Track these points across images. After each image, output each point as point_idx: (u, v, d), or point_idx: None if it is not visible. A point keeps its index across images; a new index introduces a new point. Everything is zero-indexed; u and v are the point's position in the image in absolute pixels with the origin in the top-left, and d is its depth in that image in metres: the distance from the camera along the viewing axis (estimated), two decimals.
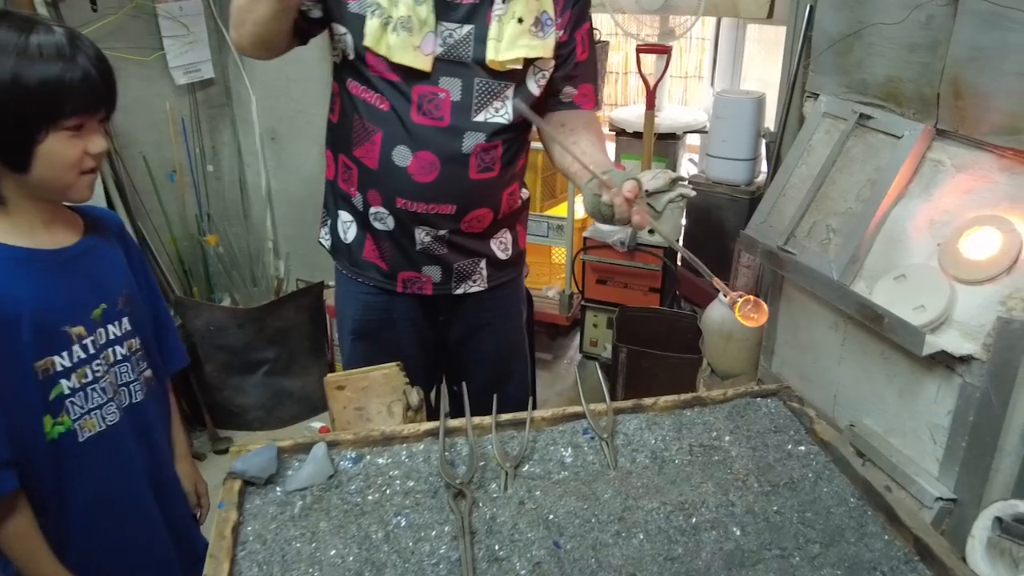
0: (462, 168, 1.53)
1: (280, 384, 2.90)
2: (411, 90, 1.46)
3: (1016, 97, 1.67)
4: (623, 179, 1.33)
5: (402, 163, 1.51)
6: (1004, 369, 1.64)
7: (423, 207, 1.54)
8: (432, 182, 1.52)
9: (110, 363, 1.24)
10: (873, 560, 1.03)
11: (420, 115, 1.48)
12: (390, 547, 1.05)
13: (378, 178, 1.54)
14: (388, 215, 1.57)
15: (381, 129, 1.50)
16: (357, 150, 1.55)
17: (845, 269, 1.96)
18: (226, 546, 1.03)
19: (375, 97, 1.49)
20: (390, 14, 1.40)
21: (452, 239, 1.60)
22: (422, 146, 1.49)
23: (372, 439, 1.25)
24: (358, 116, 1.52)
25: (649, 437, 1.28)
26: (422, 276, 1.65)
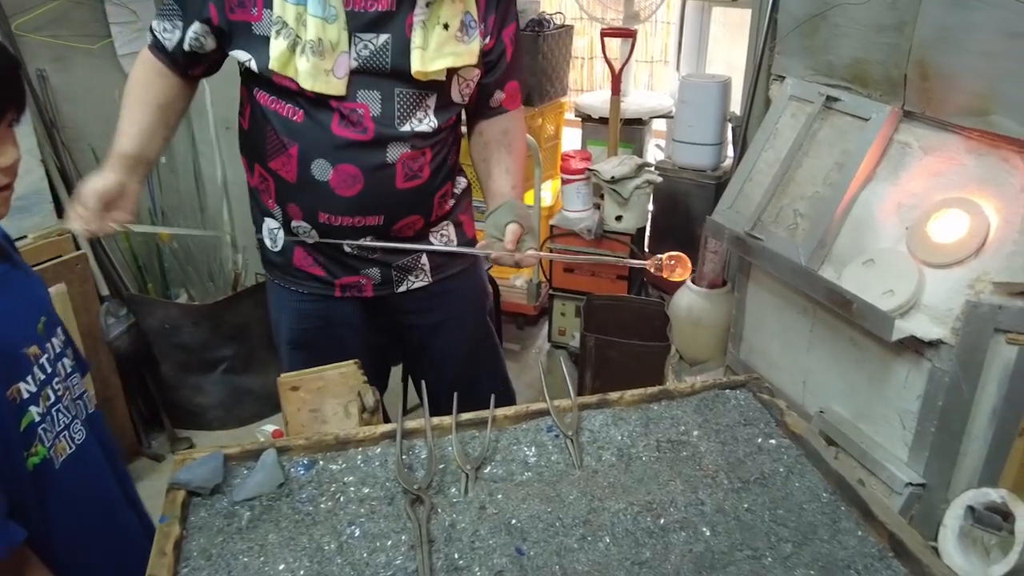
0: (388, 179, 1.46)
1: (239, 382, 2.81)
2: (329, 102, 1.37)
3: (982, 78, 1.65)
4: (508, 218, 1.41)
5: (322, 177, 1.43)
6: (972, 353, 1.62)
7: (348, 220, 1.47)
8: (356, 195, 1.45)
9: (64, 378, 1.16)
10: (847, 558, 0.99)
11: (341, 127, 1.40)
12: (343, 559, 0.99)
13: (297, 192, 1.46)
14: (311, 229, 1.50)
15: (297, 142, 1.41)
16: (272, 162, 1.46)
17: (813, 254, 1.94)
18: (167, 563, 0.97)
19: (288, 109, 1.39)
20: (298, 34, 1.31)
21: (385, 240, 1.53)
22: (343, 159, 1.41)
23: (325, 444, 1.19)
24: (271, 127, 1.42)
25: (615, 433, 1.23)
26: (361, 279, 1.58)
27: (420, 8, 1.36)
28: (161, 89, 1.45)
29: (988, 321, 1.59)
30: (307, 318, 1.63)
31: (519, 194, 1.55)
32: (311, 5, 1.30)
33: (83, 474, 1.17)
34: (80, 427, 1.17)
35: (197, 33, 1.37)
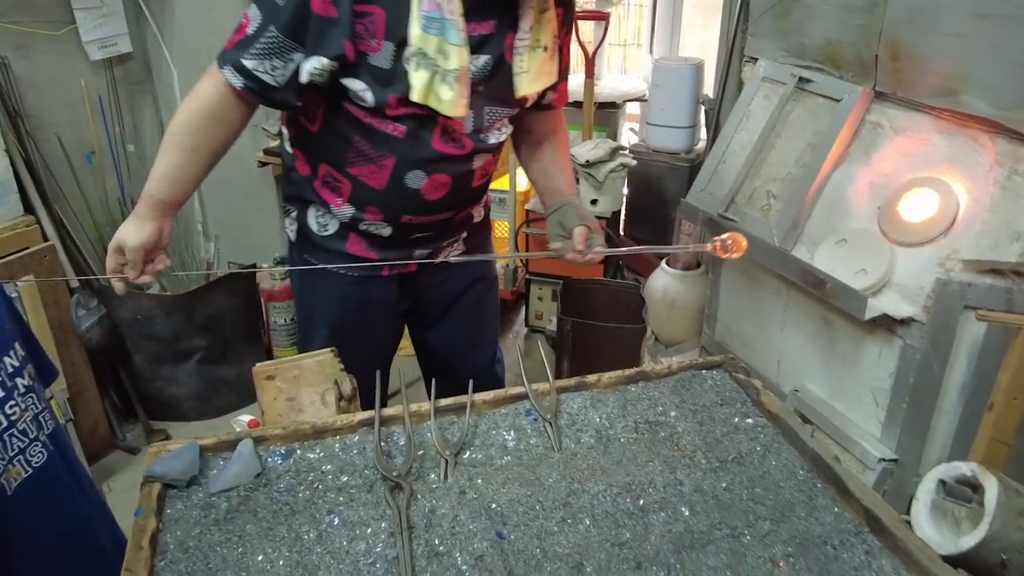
0: (468, 182, 1.53)
1: (215, 372, 2.78)
2: (436, 118, 1.37)
3: (952, 58, 1.66)
4: (574, 220, 1.48)
5: (415, 185, 1.46)
6: (942, 330, 1.65)
7: (426, 219, 1.54)
8: (440, 198, 1.50)
9: (20, 397, 1.13)
10: (824, 534, 1.01)
11: (441, 142, 1.42)
12: (323, 548, 0.99)
13: (383, 198, 1.48)
14: (386, 226, 1.53)
15: (394, 155, 1.42)
16: (354, 168, 1.46)
17: (786, 235, 1.95)
18: (144, 557, 0.95)
19: (389, 125, 1.38)
20: (438, 65, 1.30)
21: (442, 229, 1.61)
22: (438, 170, 1.46)
23: (303, 433, 1.18)
24: (361, 139, 1.41)
25: (594, 415, 1.24)
26: (409, 259, 1.61)
27: (523, 32, 1.37)
28: (221, 135, 1.39)
29: (958, 298, 1.61)
30: (350, 300, 1.62)
31: (574, 191, 1.62)
32: (450, 35, 1.29)
33: (43, 497, 1.13)
34: (40, 449, 1.14)
35: (323, 67, 1.31)
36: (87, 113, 2.71)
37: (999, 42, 1.55)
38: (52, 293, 2.37)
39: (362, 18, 1.26)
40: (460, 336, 1.79)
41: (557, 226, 1.53)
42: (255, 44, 1.28)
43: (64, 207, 2.63)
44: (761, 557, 0.97)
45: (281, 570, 0.95)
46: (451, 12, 1.27)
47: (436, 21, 1.26)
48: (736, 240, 1.40)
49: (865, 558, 0.98)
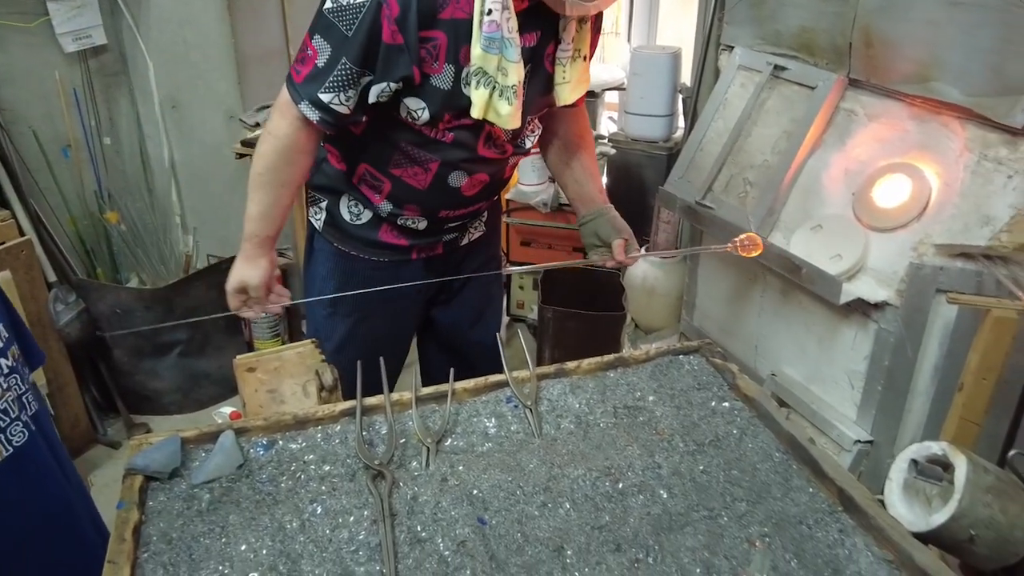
0: (501, 177, 1.60)
1: (195, 366, 2.77)
2: (484, 126, 1.41)
3: (924, 45, 1.68)
4: (611, 233, 1.55)
5: (456, 184, 1.51)
6: (916, 314, 1.68)
7: (462, 211, 1.59)
8: (476, 193, 1.56)
9: (4, 376, 1.13)
10: (799, 514, 1.03)
11: (486, 148, 1.47)
12: (306, 537, 0.99)
13: (424, 196, 1.52)
14: (423, 220, 1.57)
15: (439, 159, 1.46)
16: (397, 170, 1.49)
17: (762, 221, 1.97)
18: (127, 549, 0.96)
19: (437, 132, 1.41)
20: (498, 82, 1.32)
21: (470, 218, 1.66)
22: (479, 171, 1.51)
23: (284, 423, 1.18)
24: (409, 144, 1.44)
25: (573, 401, 1.25)
26: (437, 242, 1.65)
27: (566, 44, 1.41)
28: (304, 164, 1.45)
29: (930, 282, 1.64)
30: (377, 286, 1.62)
31: (606, 197, 1.65)
32: (509, 52, 1.31)
33: (23, 477, 1.14)
34: (21, 428, 1.14)
35: (390, 90, 1.34)
36: (62, 106, 2.68)
37: (969, 29, 1.57)
38: (30, 288, 2.35)
39: (426, 43, 1.29)
40: (467, 314, 1.82)
41: (593, 236, 1.59)
42: (329, 77, 1.31)
43: (40, 201, 2.61)
44: (738, 537, 0.99)
45: (264, 559, 0.96)
46: (510, 31, 1.29)
47: (496, 41, 1.29)
48: (752, 239, 1.50)
49: (839, 536, 1.00)
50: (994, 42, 1.53)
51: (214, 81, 2.79)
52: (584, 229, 1.61)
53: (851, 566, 0.96)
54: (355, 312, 1.66)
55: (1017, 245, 1.55)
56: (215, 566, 0.95)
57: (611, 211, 1.61)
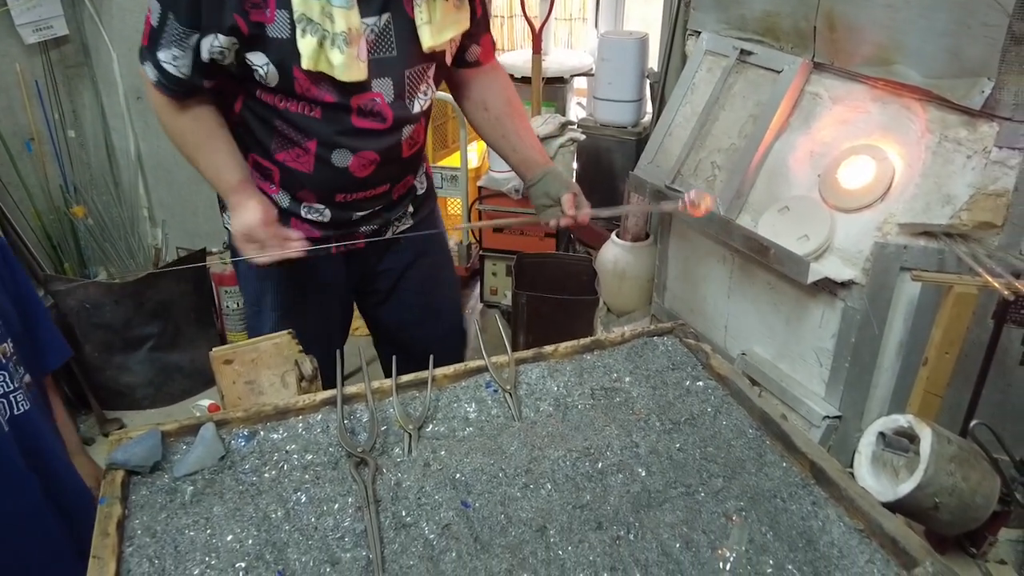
0: (397, 154, 1.51)
1: (167, 359, 2.75)
2: (349, 99, 1.36)
3: (885, 29, 1.72)
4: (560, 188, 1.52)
5: (341, 164, 1.45)
6: (881, 291, 1.72)
7: (362, 195, 1.53)
8: (371, 174, 1.49)
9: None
10: (773, 488, 1.06)
11: (360, 118, 1.40)
12: (291, 525, 1.00)
13: (312, 180, 1.47)
14: (325, 209, 1.53)
15: (315, 137, 1.41)
16: (280, 154, 1.45)
17: (731, 204, 2.01)
18: (111, 544, 0.96)
19: (302, 106, 1.37)
20: (326, 29, 1.27)
21: (385, 205, 1.60)
22: (363, 147, 1.44)
23: (265, 414, 1.19)
24: (281, 122, 1.40)
25: (551, 385, 1.27)
26: (357, 235, 1.60)
27: None
28: (207, 118, 1.40)
29: (894, 260, 1.69)
30: (298, 283, 1.62)
31: (548, 158, 1.64)
32: None
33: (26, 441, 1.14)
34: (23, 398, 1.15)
35: (222, 45, 1.28)
36: (23, 99, 2.63)
37: (927, 13, 1.61)
38: None
39: None
40: (409, 312, 1.80)
41: (543, 196, 1.56)
42: (161, 37, 1.27)
43: (3, 196, 2.56)
44: (715, 512, 1.02)
45: (251, 549, 0.97)
46: None
47: None
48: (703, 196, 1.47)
49: (812, 508, 1.03)
50: (951, 25, 1.57)
51: None
52: (533, 192, 1.59)
53: (824, 536, 0.99)
54: (279, 307, 1.65)
55: (976, 223, 1.60)
56: (201, 557, 0.96)
57: (556, 169, 1.59)
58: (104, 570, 0.92)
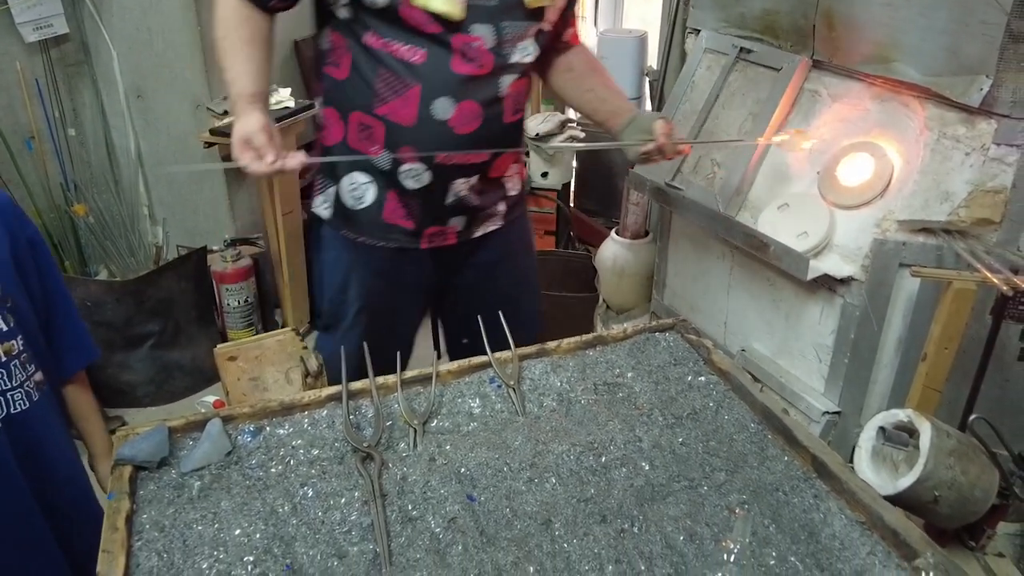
0: (499, 113, 1.51)
1: (168, 357, 2.76)
2: (450, 39, 1.38)
3: (883, 27, 1.73)
4: (652, 120, 1.54)
5: (443, 116, 1.44)
6: (880, 288, 1.73)
7: (461, 159, 1.51)
8: (472, 132, 1.48)
9: None
10: (775, 481, 1.07)
11: (463, 63, 1.41)
12: (298, 519, 1.01)
13: (414, 134, 1.46)
14: (425, 171, 1.51)
15: (419, 83, 1.42)
16: (382, 107, 1.45)
17: (730, 201, 2.02)
18: (119, 538, 0.97)
19: (406, 50, 1.39)
20: None
21: (480, 186, 1.59)
22: (466, 95, 1.44)
23: (270, 410, 1.20)
24: (385, 70, 1.42)
25: (555, 380, 1.28)
26: (447, 228, 1.60)
27: None
28: (257, 27, 1.42)
29: (893, 257, 1.69)
30: (383, 274, 1.62)
31: (633, 106, 1.66)
32: None
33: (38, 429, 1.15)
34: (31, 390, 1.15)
35: None
36: (24, 97, 2.63)
37: (925, 12, 1.62)
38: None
39: None
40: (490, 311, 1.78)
41: (637, 132, 1.57)
42: None
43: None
44: (718, 505, 1.03)
45: (259, 543, 0.98)
46: None
47: None
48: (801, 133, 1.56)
49: (814, 501, 1.05)
50: (949, 24, 1.58)
51: (180, 70, 2.75)
52: (625, 135, 1.60)
53: (826, 529, 1.00)
54: (361, 299, 1.65)
55: (975, 220, 1.61)
56: (210, 551, 0.97)
57: (645, 111, 1.62)
58: (114, 564, 0.93)
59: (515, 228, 1.76)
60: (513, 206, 1.72)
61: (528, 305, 1.90)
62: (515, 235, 1.78)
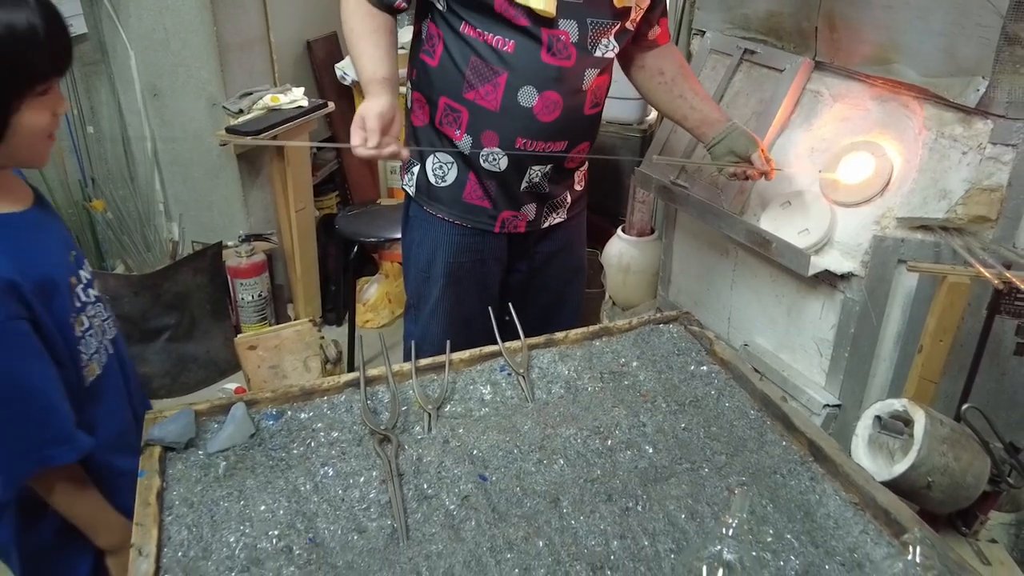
0: (580, 105, 1.59)
1: (183, 350, 2.81)
2: (540, 31, 1.47)
3: (884, 29, 1.77)
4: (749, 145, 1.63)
5: (527, 103, 1.53)
6: (879, 283, 1.78)
7: (541, 145, 1.59)
8: (553, 121, 1.56)
9: (92, 304, 1.22)
10: (773, 464, 1.12)
11: (549, 55, 1.50)
12: (320, 497, 1.07)
13: (498, 119, 1.55)
14: (502, 156, 1.59)
15: (507, 71, 1.50)
16: (470, 92, 1.54)
17: (734, 199, 2.06)
18: (152, 513, 1.03)
19: (498, 39, 1.48)
20: None
21: (554, 175, 1.67)
22: (549, 86, 1.52)
23: (291, 395, 1.25)
24: (476, 58, 1.51)
25: (562, 368, 1.33)
26: (519, 214, 1.69)
27: None
28: (382, 20, 1.52)
29: (892, 253, 1.74)
30: (465, 251, 1.70)
31: (725, 114, 1.72)
32: None
33: (107, 393, 1.24)
34: (104, 352, 1.24)
35: None
36: None
37: (923, 14, 1.67)
38: None
39: None
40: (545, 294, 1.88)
41: (728, 154, 1.65)
42: None
43: None
44: (718, 486, 1.09)
45: (283, 519, 1.03)
46: None
47: None
48: None
49: (810, 483, 1.10)
50: (947, 26, 1.63)
51: (195, 69, 2.80)
52: (716, 150, 1.68)
53: (821, 509, 1.05)
54: (446, 276, 1.73)
55: (972, 217, 1.66)
56: (236, 526, 1.02)
57: (739, 126, 1.67)
58: (147, 536, 0.99)
59: (575, 222, 1.85)
60: (577, 200, 1.81)
61: (575, 295, 1.99)
62: (575, 228, 1.87)
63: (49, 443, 1.11)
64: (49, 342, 1.11)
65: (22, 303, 1.05)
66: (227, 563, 0.97)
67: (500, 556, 0.96)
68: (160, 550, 0.98)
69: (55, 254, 1.17)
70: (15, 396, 1.07)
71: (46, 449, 1.10)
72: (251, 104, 2.81)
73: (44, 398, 1.10)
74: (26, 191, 1.20)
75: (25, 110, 1.03)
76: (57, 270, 1.15)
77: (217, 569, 0.96)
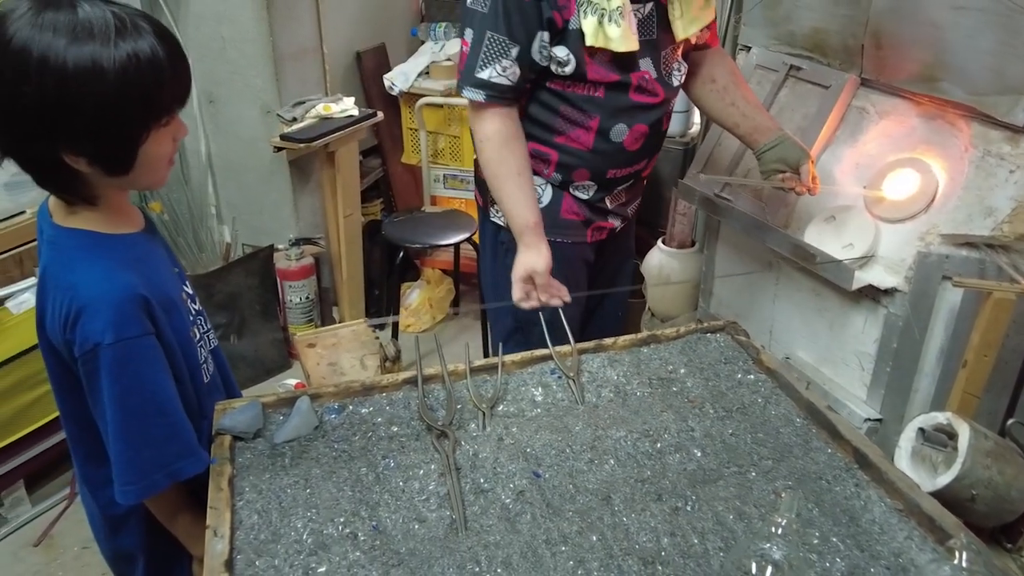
0: (660, 126, 1.70)
1: (232, 349, 2.90)
2: (629, 75, 1.54)
3: (930, 47, 1.80)
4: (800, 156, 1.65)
5: (618, 139, 1.62)
6: (922, 299, 1.80)
7: (628, 170, 1.70)
8: (640, 148, 1.66)
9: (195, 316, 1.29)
10: (818, 470, 1.15)
11: (636, 94, 1.58)
12: (381, 487, 1.12)
13: (590, 158, 1.63)
14: (593, 186, 1.68)
15: (599, 114, 1.57)
16: (560, 138, 1.62)
17: (778, 213, 2.09)
18: (224, 497, 1.09)
19: (587, 88, 1.54)
20: (603, 8, 1.45)
21: (632, 185, 1.77)
22: (637, 120, 1.61)
23: (352, 390, 1.31)
24: (566, 106, 1.57)
25: (611, 373, 1.38)
26: (606, 224, 1.78)
27: None
28: (520, 145, 1.57)
29: (936, 269, 1.76)
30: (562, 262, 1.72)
31: (776, 123, 1.75)
32: None
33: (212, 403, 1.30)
34: (210, 362, 1.32)
35: (544, 43, 1.48)
36: None
37: (972, 33, 1.69)
38: None
39: None
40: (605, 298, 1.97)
41: (777, 162, 1.69)
42: (479, 55, 1.46)
43: None
44: (765, 490, 1.12)
45: (347, 506, 1.09)
46: None
47: None
48: None
49: (855, 489, 1.13)
50: (995, 45, 1.65)
51: (251, 77, 2.90)
52: (765, 158, 1.71)
53: (866, 515, 1.08)
54: None
55: (1018, 235, 1.67)
56: (303, 512, 1.08)
57: (789, 136, 1.70)
58: (221, 519, 1.05)
59: (631, 226, 1.94)
60: (638, 206, 1.90)
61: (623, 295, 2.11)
62: (631, 232, 1.97)
63: (178, 456, 1.14)
64: (170, 358, 1.15)
65: (151, 319, 1.10)
66: (295, 547, 1.02)
67: (555, 548, 1.01)
68: (233, 532, 1.04)
69: (166, 271, 1.22)
70: (152, 410, 1.10)
71: (176, 462, 1.13)
72: (304, 112, 2.89)
73: (174, 412, 1.13)
74: (137, 212, 1.24)
75: (151, 140, 1.05)
76: (171, 286, 1.20)
77: (287, 552, 1.01)
